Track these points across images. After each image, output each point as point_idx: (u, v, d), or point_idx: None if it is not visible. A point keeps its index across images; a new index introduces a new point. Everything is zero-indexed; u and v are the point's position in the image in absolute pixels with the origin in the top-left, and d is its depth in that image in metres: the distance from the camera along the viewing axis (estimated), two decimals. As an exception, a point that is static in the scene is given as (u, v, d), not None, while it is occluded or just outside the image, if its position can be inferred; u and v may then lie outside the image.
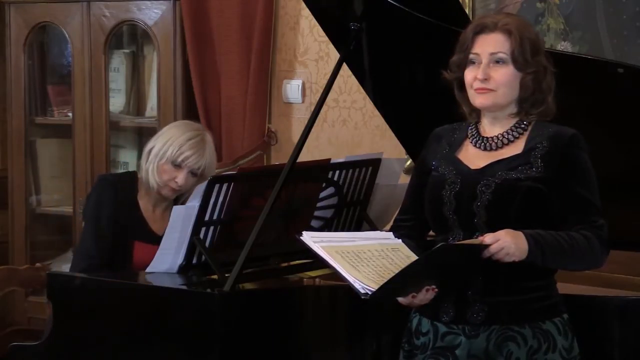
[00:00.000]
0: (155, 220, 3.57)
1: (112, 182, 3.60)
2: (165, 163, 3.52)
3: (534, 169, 2.64)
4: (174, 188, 3.53)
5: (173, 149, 3.52)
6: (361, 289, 2.47)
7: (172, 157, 3.51)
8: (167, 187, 3.53)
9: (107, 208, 3.51)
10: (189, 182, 3.52)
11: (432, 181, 2.74)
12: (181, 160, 3.51)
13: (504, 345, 2.62)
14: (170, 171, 3.51)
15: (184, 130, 3.57)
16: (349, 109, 4.62)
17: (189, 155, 3.51)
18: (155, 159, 3.53)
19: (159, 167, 3.51)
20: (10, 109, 5.10)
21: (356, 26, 3.25)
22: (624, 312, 2.93)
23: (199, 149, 3.53)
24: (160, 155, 3.52)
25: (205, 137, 3.59)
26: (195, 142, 3.53)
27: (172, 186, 3.52)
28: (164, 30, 4.75)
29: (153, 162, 3.53)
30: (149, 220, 3.56)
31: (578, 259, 2.62)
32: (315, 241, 2.58)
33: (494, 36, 2.66)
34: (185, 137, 3.54)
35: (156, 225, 3.55)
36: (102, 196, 3.54)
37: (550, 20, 4.12)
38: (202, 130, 3.63)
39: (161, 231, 3.47)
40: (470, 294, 2.64)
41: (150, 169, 3.54)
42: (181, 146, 3.52)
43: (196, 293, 3.11)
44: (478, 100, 2.68)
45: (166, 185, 3.53)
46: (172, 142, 3.53)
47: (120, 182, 3.60)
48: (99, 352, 3.15)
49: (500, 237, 2.51)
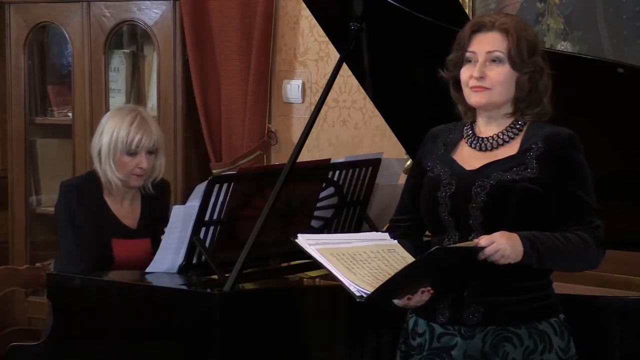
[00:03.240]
0: (126, 214, 3.59)
1: (76, 185, 3.61)
2: (121, 156, 3.53)
3: (529, 170, 2.63)
4: (139, 174, 3.55)
5: (122, 140, 3.53)
6: (356, 291, 2.47)
7: (125, 147, 3.53)
8: (133, 176, 3.55)
9: (78, 211, 3.51)
10: (151, 162, 3.57)
11: (427, 182, 2.74)
12: (135, 146, 3.53)
13: (500, 346, 2.62)
14: (130, 160, 3.53)
15: (121, 117, 3.57)
16: (349, 109, 4.62)
17: (140, 139, 3.53)
18: (109, 157, 3.53)
19: (116, 162, 3.52)
20: (10, 109, 5.10)
21: (356, 26, 3.25)
22: (624, 312, 2.93)
23: (145, 128, 3.56)
24: (112, 152, 3.53)
25: (142, 113, 3.62)
26: (138, 123, 3.55)
27: (137, 173, 3.55)
28: (164, 30, 4.75)
29: (107, 162, 3.53)
30: (120, 216, 3.57)
31: (574, 260, 2.62)
32: (310, 243, 2.57)
33: (491, 35, 2.66)
34: (126, 123, 3.55)
35: (128, 219, 3.58)
36: (70, 202, 3.54)
37: (550, 20, 4.11)
38: (136, 109, 3.65)
39: (134, 224, 3.55)
40: (466, 295, 2.64)
41: (107, 169, 3.54)
42: (128, 134, 3.53)
43: (196, 293, 3.11)
44: (473, 98, 2.68)
45: (131, 174, 3.55)
46: (117, 134, 3.54)
47: (84, 184, 3.59)
48: (98, 352, 3.15)
49: (495, 239, 2.51)
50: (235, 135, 4.73)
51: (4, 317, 4.82)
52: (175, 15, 4.71)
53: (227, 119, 4.73)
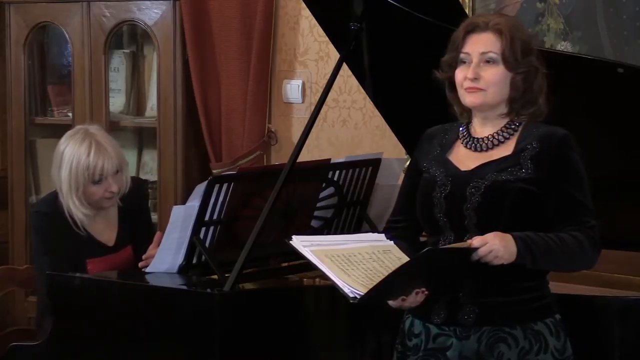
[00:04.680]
0: (101, 231, 3.55)
1: (44, 212, 3.54)
2: (86, 188, 3.45)
3: (524, 170, 2.63)
4: (111, 197, 3.48)
5: (83, 172, 3.43)
6: (350, 293, 2.47)
7: (90, 178, 3.44)
8: (105, 200, 3.48)
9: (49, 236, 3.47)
10: (119, 181, 3.49)
11: (423, 183, 2.74)
12: (99, 175, 3.45)
13: (495, 346, 2.62)
14: (97, 189, 3.46)
15: (76, 147, 3.46)
16: (349, 109, 4.62)
17: (102, 166, 3.44)
18: (71, 193, 3.44)
19: (80, 196, 3.44)
20: (10, 109, 5.10)
21: (356, 26, 3.25)
22: (624, 312, 2.93)
23: (103, 153, 3.45)
24: (74, 186, 3.44)
25: (96, 136, 3.48)
26: (95, 150, 3.45)
27: (108, 196, 3.48)
28: (164, 30, 4.75)
29: (70, 197, 3.44)
30: (95, 234, 3.54)
31: (568, 260, 2.62)
32: (305, 245, 2.56)
33: (485, 36, 2.66)
34: (84, 152, 3.44)
35: (103, 236, 3.54)
36: (41, 228, 3.51)
37: (550, 20, 4.11)
38: (88, 134, 3.50)
39: (110, 241, 3.51)
40: (462, 296, 2.64)
41: (71, 204, 3.44)
42: (88, 164, 3.43)
43: (196, 293, 3.11)
44: (468, 99, 2.68)
45: (102, 199, 3.48)
46: (75, 166, 3.44)
47: (53, 208, 3.51)
48: (98, 352, 3.15)
49: (488, 240, 2.51)
50: (235, 135, 4.73)
51: (4, 317, 4.82)
52: (175, 15, 4.71)
53: (227, 119, 4.73)
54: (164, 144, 4.77)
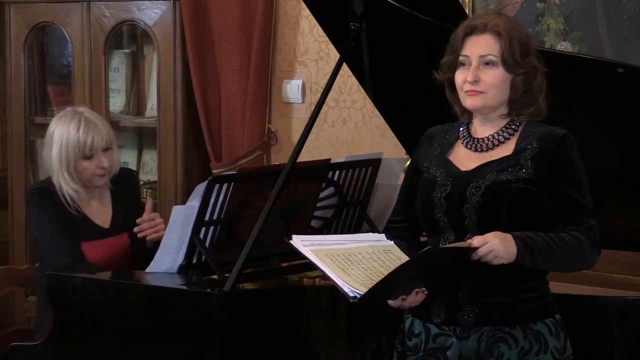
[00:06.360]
0: (97, 213, 3.56)
1: (40, 189, 3.55)
2: (77, 163, 3.47)
3: (524, 170, 2.63)
4: (102, 174, 3.50)
5: (74, 147, 3.46)
6: (350, 292, 2.47)
7: (80, 153, 3.47)
8: (96, 177, 3.50)
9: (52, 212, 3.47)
10: (110, 158, 3.51)
11: (423, 183, 2.74)
12: (89, 149, 3.47)
13: (495, 346, 2.62)
14: (89, 165, 3.48)
15: (66, 124, 3.49)
16: (349, 109, 4.62)
17: (92, 140, 3.47)
18: (62, 169, 3.46)
19: (72, 171, 3.46)
20: (10, 109, 5.10)
21: (356, 26, 3.25)
22: (624, 312, 2.93)
23: (93, 128, 3.49)
24: (64, 162, 3.46)
25: (85, 113, 3.53)
26: (84, 125, 3.48)
27: (99, 173, 3.50)
28: (164, 30, 4.75)
29: (61, 173, 3.45)
30: (91, 215, 3.55)
31: (568, 261, 2.62)
32: (305, 244, 2.57)
33: (484, 38, 2.66)
34: (73, 128, 3.47)
35: (99, 217, 3.55)
36: (38, 204, 3.50)
37: (550, 20, 4.11)
38: (77, 112, 3.55)
39: (106, 222, 3.51)
40: (461, 296, 2.64)
41: (62, 181, 3.46)
42: (78, 139, 3.46)
43: (196, 293, 3.11)
44: (468, 102, 2.68)
45: (93, 176, 3.50)
46: (66, 142, 3.47)
47: (48, 187, 3.52)
48: (98, 352, 3.15)
49: (488, 240, 2.51)
50: (235, 135, 4.73)
51: (4, 317, 4.82)
52: (175, 15, 4.72)
53: (227, 119, 4.73)
54: (164, 144, 4.77)
